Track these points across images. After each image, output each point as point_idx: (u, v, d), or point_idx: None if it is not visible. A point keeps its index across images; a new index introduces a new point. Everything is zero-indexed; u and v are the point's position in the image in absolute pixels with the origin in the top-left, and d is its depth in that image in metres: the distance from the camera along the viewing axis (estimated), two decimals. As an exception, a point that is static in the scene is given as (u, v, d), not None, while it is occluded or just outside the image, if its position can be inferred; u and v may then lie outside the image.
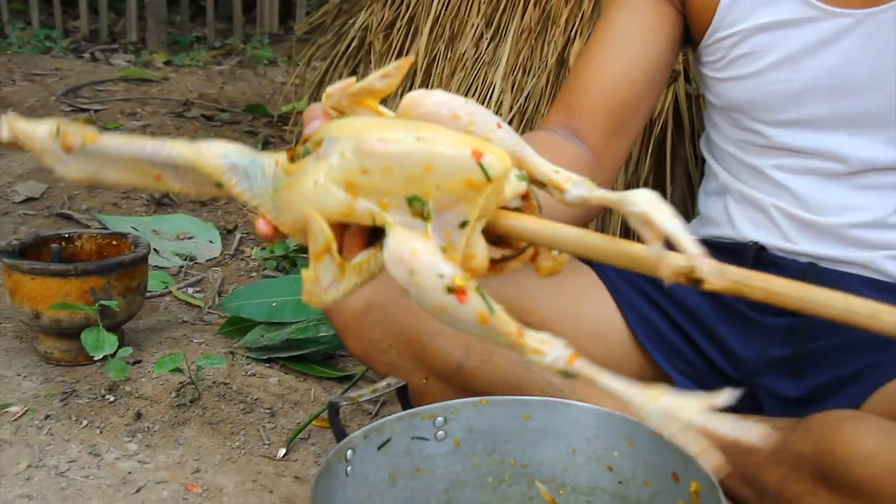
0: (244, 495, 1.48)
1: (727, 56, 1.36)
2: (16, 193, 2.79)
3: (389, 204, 0.78)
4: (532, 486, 1.23)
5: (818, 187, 1.33)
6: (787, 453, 1.14)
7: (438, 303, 0.77)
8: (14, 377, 1.80)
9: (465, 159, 0.76)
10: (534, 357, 0.80)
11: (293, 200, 0.82)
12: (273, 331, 1.92)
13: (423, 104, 0.81)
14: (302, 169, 0.82)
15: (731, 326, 1.38)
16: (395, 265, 0.77)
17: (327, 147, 0.80)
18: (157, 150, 0.90)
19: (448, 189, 0.77)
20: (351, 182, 0.78)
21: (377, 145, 0.77)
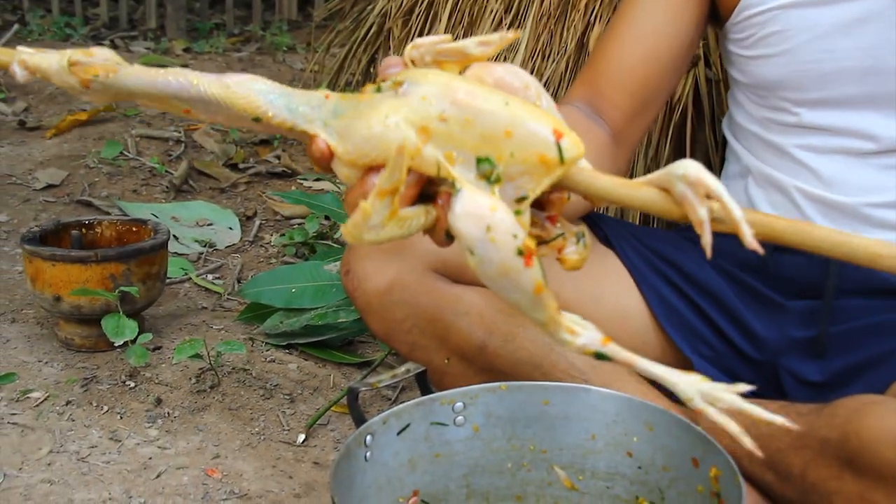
0: (264, 481, 1.48)
1: (757, 34, 1.34)
2: (36, 181, 2.80)
3: (457, 159, 0.78)
4: (551, 472, 1.22)
5: (842, 167, 1.32)
6: (812, 438, 1.13)
7: (506, 263, 0.77)
8: (35, 363, 1.81)
9: (545, 135, 0.77)
10: (567, 336, 0.82)
11: (358, 130, 0.80)
12: (292, 317, 1.92)
13: (496, 70, 0.81)
14: (372, 102, 0.80)
15: (753, 308, 1.37)
16: (469, 219, 0.77)
17: (407, 88, 0.79)
18: (184, 86, 0.86)
19: (521, 159, 0.77)
20: (426, 126, 0.78)
21: (465, 95, 0.77)
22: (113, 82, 0.87)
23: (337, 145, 0.81)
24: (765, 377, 1.37)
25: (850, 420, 1.09)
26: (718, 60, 2.08)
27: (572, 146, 0.78)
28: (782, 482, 1.17)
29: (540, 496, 1.23)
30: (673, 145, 2.11)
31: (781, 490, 1.18)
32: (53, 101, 3.55)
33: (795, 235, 0.78)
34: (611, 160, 1.38)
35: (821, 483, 1.12)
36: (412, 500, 1.18)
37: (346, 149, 0.81)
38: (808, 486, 1.13)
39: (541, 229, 0.84)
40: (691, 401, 0.80)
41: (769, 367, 1.36)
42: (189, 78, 0.86)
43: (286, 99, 0.84)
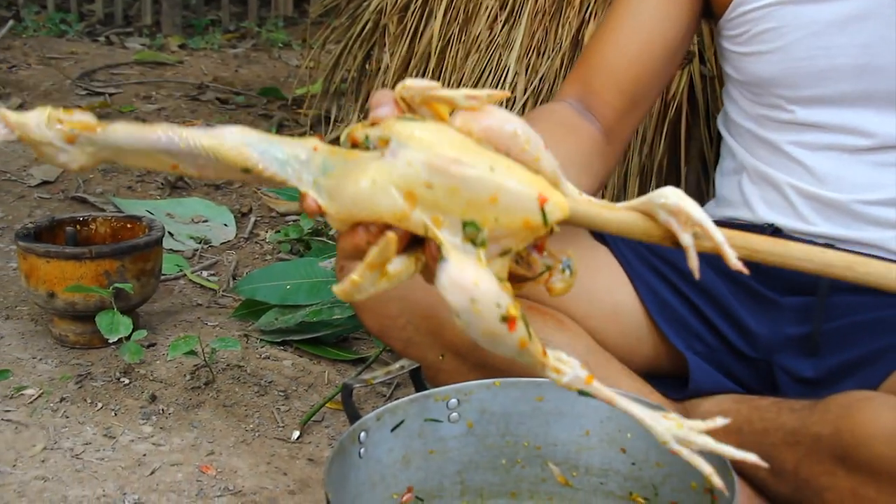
0: (258, 477, 1.48)
1: (751, 30, 1.34)
2: (31, 177, 2.79)
3: (444, 223, 0.80)
4: (545, 468, 1.22)
5: (837, 164, 1.32)
6: (805, 434, 1.13)
7: (490, 330, 0.80)
8: (29, 360, 1.81)
9: (530, 201, 0.79)
10: (553, 375, 0.85)
11: (347, 191, 0.81)
12: (287, 313, 1.92)
13: (485, 120, 0.81)
14: (359, 162, 0.81)
15: (747, 305, 1.37)
16: (455, 291, 0.79)
17: (394, 149, 0.80)
18: (173, 140, 0.86)
19: (505, 224, 0.80)
20: (412, 192, 0.79)
21: (451, 166, 0.79)
22: (99, 137, 0.87)
23: (327, 205, 0.82)
24: (759, 374, 1.37)
25: (842, 416, 1.09)
26: (713, 57, 2.08)
27: (556, 209, 0.80)
28: (775, 478, 1.17)
29: (534, 492, 1.23)
30: (668, 142, 2.11)
31: (774, 486, 1.18)
32: (49, 97, 3.54)
33: (774, 254, 0.86)
34: (601, 158, 1.38)
35: (813, 479, 1.12)
36: (406, 497, 1.19)
37: (336, 208, 0.82)
38: (800, 481, 1.13)
39: (526, 266, 0.86)
40: (667, 443, 0.85)
41: (763, 364, 1.36)
42: (177, 132, 0.86)
43: (276, 151, 0.85)
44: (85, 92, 3.63)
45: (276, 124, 3.38)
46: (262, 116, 3.51)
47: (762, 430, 1.20)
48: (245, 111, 3.58)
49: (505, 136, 0.81)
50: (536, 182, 0.80)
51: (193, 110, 3.52)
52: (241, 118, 3.47)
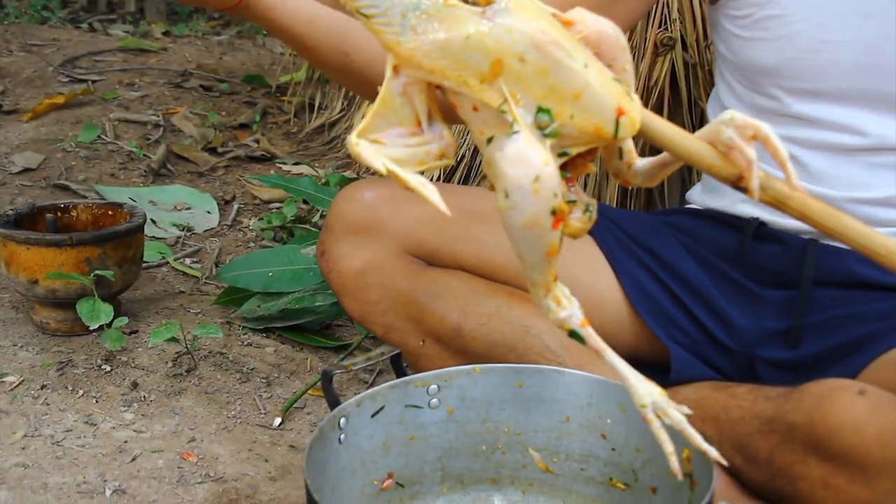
0: (239, 464, 1.48)
1: (755, 14, 1.31)
2: (12, 164, 2.78)
3: (520, 101, 0.78)
4: (526, 454, 1.23)
5: (830, 162, 1.30)
6: (779, 422, 1.14)
7: (538, 218, 0.78)
8: (10, 347, 1.80)
9: (608, 110, 0.79)
10: (552, 304, 0.84)
11: (435, 34, 0.78)
12: (270, 301, 1.92)
13: (603, 23, 0.81)
14: (457, 14, 0.79)
15: (730, 297, 1.37)
16: (520, 164, 0.77)
17: (497, 13, 0.78)
18: None
19: (579, 124, 0.79)
20: (502, 60, 0.77)
21: (551, 46, 0.77)
22: None
23: (406, 39, 0.79)
24: (740, 365, 1.37)
25: (816, 405, 1.09)
26: (695, 44, 2.08)
27: (629, 125, 0.79)
28: (750, 466, 1.18)
29: (514, 478, 1.24)
30: (651, 129, 2.11)
31: (749, 473, 1.18)
32: (31, 84, 3.52)
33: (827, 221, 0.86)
34: None
35: (787, 467, 1.12)
36: (387, 483, 1.19)
37: (415, 45, 0.79)
38: (774, 470, 1.14)
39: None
40: (644, 408, 0.85)
41: (744, 356, 1.36)
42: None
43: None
44: (67, 79, 3.61)
45: (260, 111, 3.37)
46: (247, 104, 3.49)
47: (738, 418, 1.20)
48: (229, 98, 3.56)
49: (611, 44, 0.81)
50: (619, 94, 0.80)
51: (177, 98, 3.50)
52: (225, 105, 3.46)
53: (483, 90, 0.78)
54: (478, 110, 0.80)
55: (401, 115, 0.82)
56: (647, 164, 0.89)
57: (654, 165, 0.89)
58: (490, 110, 0.79)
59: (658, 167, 0.89)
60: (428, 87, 0.82)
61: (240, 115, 3.35)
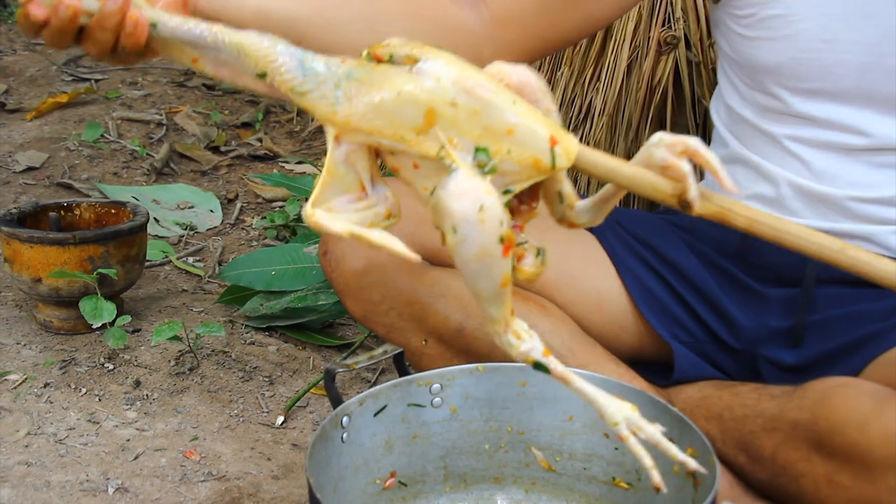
0: (242, 462, 1.48)
1: (758, 14, 1.30)
2: (16, 163, 2.78)
3: (457, 145, 0.82)
4: (529, 453, 1.23)
5: (833, 161, 1.29)
6: (783, 420, 1.13)
7: (487, 247, 0.81)
8: (13, 345, 1.80)
9: (542, 141, 0.82)
10: (512, 339, 0.88)
11: (368, 97, 0.83)
12: (272, 299, 1.92)
13: (519, 69, 0.85)
14: (386, 74, 0.83)
15: (732, 296, 1.37)
16: (464, 197, 0.80)
17: (424, 66, 0.82)
18: (203, 34, 0.90)
19: (516, 158, 0.82)
20: (434, 108, 0.81)
21: (478, 88, 0.81)
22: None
23: (340, 107, 0.84)
24: (743, 364, 1.37)
25: (819, 402, 1.09)
26: (699, 43, 2.08)
27: (564, 155, 0.82)
28: (754, 464, 1.17)
29: (517, 477, 1.24)
30: (653, 127, 2.11)
31: (753, 472, 1.18)
32: (34, 83, 3.52)
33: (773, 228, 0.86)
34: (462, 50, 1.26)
35: (790, 465, 1.12)
36: (389, 482, 1.19)
37: (349, 111, 0.83)
38: (778, 468, 1.14)
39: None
40: (617, 425, 0.87)
41: (747, 355, 1.36)
42: (210, 25, 0.90)
43: (302, 56, 0.87)
44: (71, 78, 3.61)
45: (263, 110, 3.37)
46: (249, 103, 3.49)
47: (742, 416, 1.20)
48: (231, 97, 3.56)
49: (532, 88, 0.85)
50: (550, 125, 0.83)
51: (180, 96, 3.50)
52: (228, 104, 3.46)
53: (420, 142, 0.82)
54: (418, 167, 0.84)
55: (346, 183, 0.86)
56: (589, 202, 0.91)
57: (596, 202, 0.91)
58: (431, 163, 0.83)
59: (600, 203, 0.91)
60: (369, 152, 0.86)
61: (242, 113, 3.35)
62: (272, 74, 0.87)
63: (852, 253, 0.84)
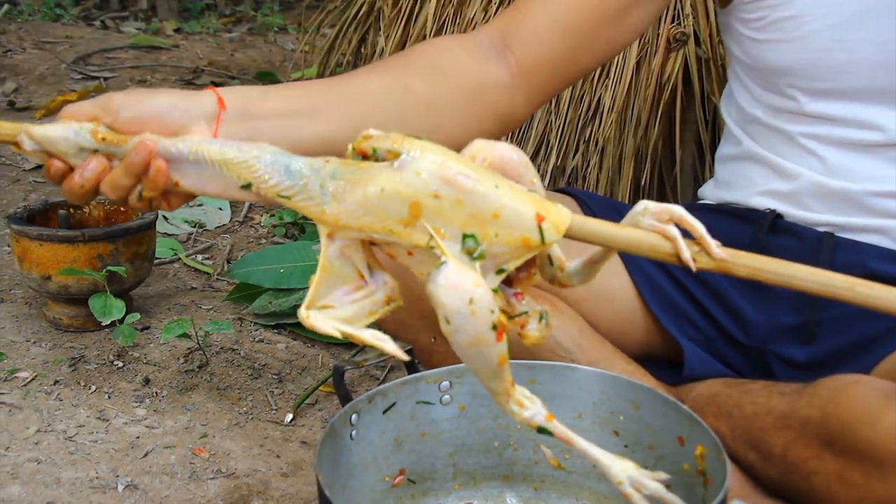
0: (251, 460, 1.48)
1: (769, 17, 1.30)
2: (26, 161, 2.78)
3: (444, 234, 0.84)
4: (538, 451, 1.22)
5: (849, 157, 1.29)
6: (793, 417, 1.13)
7: (480, 336, 0.84)
8: (23, 343, 1.81)
9: (529, 219, 0.84)
10: (515, 408, 0.91)
11: (354, 196, 0.85)
12: (281, 297, 1.92)
13: (500, 147, 0.87)
14: (369, 171, 0.85)
15: (743, 293, 1.36)
16: (453, 291, 0.82)
17: (405, 161, 0.84)
18: (183, 152, 0.93)
19: (505, 240, 0.84)
20: (418, 202, 0.83)
21: (459, 178, 0.83)
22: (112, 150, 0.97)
23: (329, 207, 0.86)
24: (753, 361, 1.36)
25: (830, 399, 1.08)
26: (708, 39, 2.07)
27: (552, 229, 0.84)
28: (764, 462, 1.17)
29: (527, 475, 1.23)
30: (663, 124, 2.10)
31: (763, 470, 1.18)
32: (43, 81, 3.53)
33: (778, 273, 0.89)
34: (494, 100, 1.24)
35: (801, 463, 1.11)
36: (398, 479, 1.19)
37: (338, 210, 0.86)
38: (788, 465, 1.13)
39: (506, 305, 0.91)
40: (621, 484, 0.90)
41: (757, 352, 1.35)
42: (191, 143, 0.93)
43: (286, 162, 0.89)
44: (80, 76, 3.62)
45: (272, 108, 3.37)
46: (258, 100, 3.49)
47: (752, 414, 1.20)
48: (240, 95, 3.56)
49: (513, 163, 0.87)
50: (536, 203, 0.84)
51: (189, 94, 3.50)
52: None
53: (409, 234, 0.84)
54: (412, 254, 0.87)
55: (343, 276, 0.89)
56: (580, 264, 0.93)
57: (586, 263, 0.93)
58: (423, 251, 0.85)
59: (590, 264, 0.93)
60: (363, 243, 0.89)
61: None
62: (257, 184, 0.90)
63: (861, 290, 0.84)
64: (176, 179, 0.94)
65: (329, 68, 3.14)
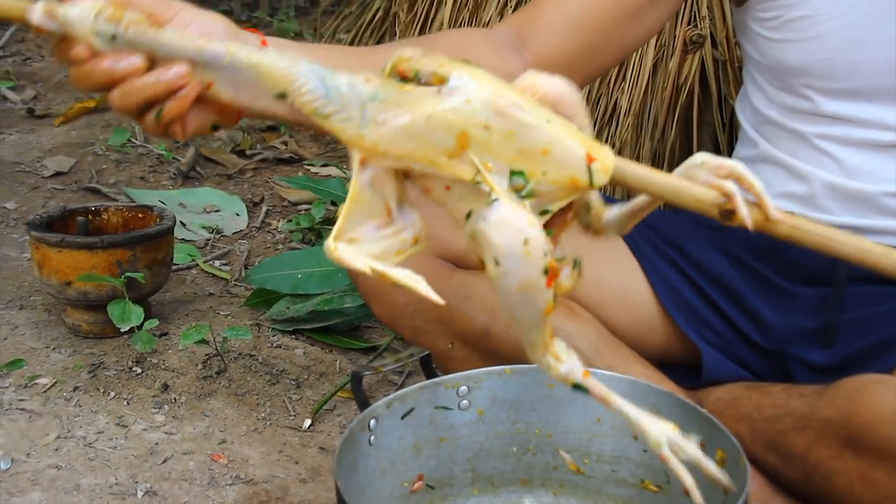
0: (270, 466, 1.48)
1: (784, 16, 1.29)
2: (45, 168, 2.80)
3: (492, 169, 0.79)
4: (557, 456, 1.22)
5: (866, 158, 1.28)
6: (814, 418, 1.12)
7: (530, 279, 0.79)
8: (43, 349, 1.81)
9: (579, 159, 0.79)
10: (552, 361, 0.86)
11: (396, 121, 0.79)
12: (299, 302, 1.92)
13: (556, 82, 0.82)
14: (414, 95, 0.79)
15: (761, 295, 1.36)
16: (507, 230, 0.78)
17: (454, 86, 0.78)
18: (219, 54, 0.85)
19: (553, 178, 0.79)
20: (466, 132, 0.78)
21: (511, 108, 0.78)
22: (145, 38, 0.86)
23: (366, 131, 0.80)
24: (772, 364, 1.35)
25: (851, 399, 1.08)
26: (725, 41, 2.06)
27: (601, 170, 0.79)
28: (785, 464, 1.16)
29: (545, 480, 1.23)
30: (680, 126, 2.10)
31: (784, 472, 1.17)
32: (62, 89, 3.55)
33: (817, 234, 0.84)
34: None
35: (822, 463, 1.11)
36: (417, 485, 1.18)
37: (379, 135, 0.80)
38: (809, 466, 1.13)
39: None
40: (659, 446, 0.86)
41: (777, 355, 1.34)
42: (225, 45, 0.85)
43: (324, 75, 0.82)
44: (97, 83, 3.63)
45: (288, 114, 3.38)
46: (274, 106, 3.51)
47: (772, 416, 1.19)
48: (257, 101, 3.57)
49: (568, 101, 0.82)
50: (586, 142, 0.80)
51: (206, 100, 3.52)
52: (253, 108, 3.47)
53: (453, 166, 0.79)
54: (450, 189, 0.81)
55: (372, 209, 0.83)
56: (619, 213, 0.89)
57: (627, 213, 0.89)
58: (464, 185, 0.80)
59: (630, 214, 0.89)
60: (396, 175, 0.82)
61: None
62: (293, 95, 0.83)
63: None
64: (210, 80, 0.86)
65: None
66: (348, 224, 0.82)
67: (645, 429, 0.87)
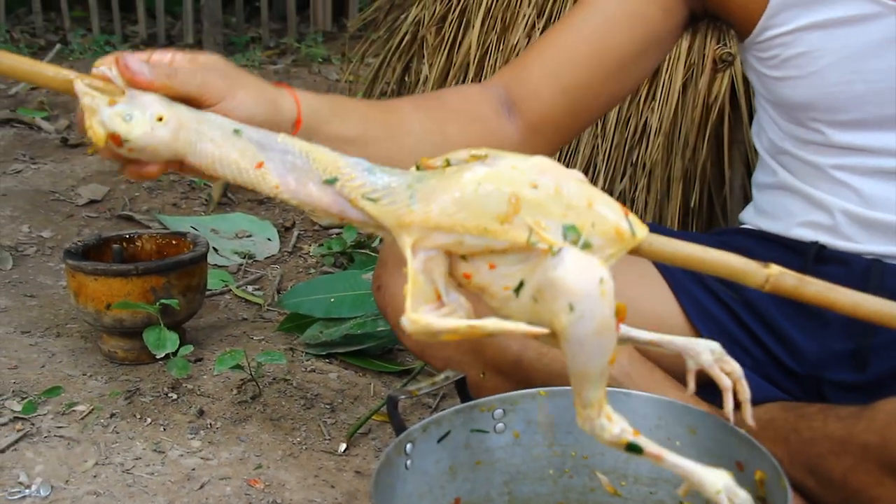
0: (306, 490, 1.49)
1: (781, 55, 1.29)
2: (79, 196, 2.83)
3: (546, 227, 0.81)
4: (594, 478, 1.21)
5: (883, 186, 1.27)
6: (852, 443, 1.11)
7: (606, 321, 0.80)
8: (80, 376, 1.83)
9: (616, 211, 0.82)
10: (606, 423, 0.87)
11: (447, 193, 0.82)
12: (332, 327, 1.93)
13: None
14: (457, 171, 0.83)
15: (794, 320, 1.34)
16: (583, 275, 0.79)
17: (496, 159, 0.83)
18: (269, 136, 0.89)
19: (601, 230, 0.81)
20: (517, 192, 0.81)
21: (552, 167, 0.82)
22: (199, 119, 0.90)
23: (416, 208, 0.83)
24: (806, 388, 1.34)
25: (889, 424, 1.06)
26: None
27: (638, 223, 0.83)
28: (823, 488, 1.15)
29: (582, 502, 1.22)
30: (710, 145, 2.09)
31: (823, 496, 1.16)
32: (94, 117, 3.59)
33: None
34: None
35: (863, 489, 1.09)
36: (454, 508, 1.18)
37: (429, 209, 0.82)
38: (850, 492, 1.11)
39: None
40: (720, 493, 0.86)
41: (811, 380, 1.33)
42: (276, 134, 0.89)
43: (369, 166, 0.87)
44: (129, 111, 3.67)
45: (318, 138, 3.40)
46: (304, 131, 3.53)
47: (809, 439, 1.18)
48: (287, 126, 3.60)
49: None
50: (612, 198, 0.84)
51: (236, 127, 3.55)
52: (283, 133, 3.50)
53: (506, 231, 0.81)
54: (494, 267, 0.83)
55: (426, 292, 0.85)
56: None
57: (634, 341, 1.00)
58: (513, 256, 0.82)
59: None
60: (446, 258, 0.85)
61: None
62: (342, 180, 0.85)
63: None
64: (260, 160, 0.88)
65: (374, 98, 3.16)
66: (414, 304, 0.84)
67: (704, 480, 0.87)
